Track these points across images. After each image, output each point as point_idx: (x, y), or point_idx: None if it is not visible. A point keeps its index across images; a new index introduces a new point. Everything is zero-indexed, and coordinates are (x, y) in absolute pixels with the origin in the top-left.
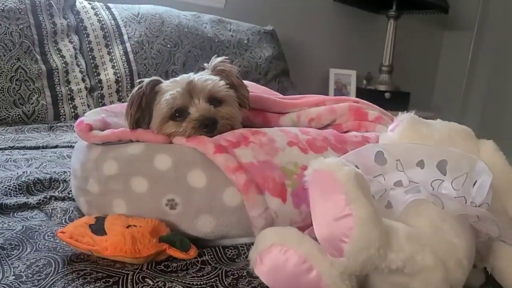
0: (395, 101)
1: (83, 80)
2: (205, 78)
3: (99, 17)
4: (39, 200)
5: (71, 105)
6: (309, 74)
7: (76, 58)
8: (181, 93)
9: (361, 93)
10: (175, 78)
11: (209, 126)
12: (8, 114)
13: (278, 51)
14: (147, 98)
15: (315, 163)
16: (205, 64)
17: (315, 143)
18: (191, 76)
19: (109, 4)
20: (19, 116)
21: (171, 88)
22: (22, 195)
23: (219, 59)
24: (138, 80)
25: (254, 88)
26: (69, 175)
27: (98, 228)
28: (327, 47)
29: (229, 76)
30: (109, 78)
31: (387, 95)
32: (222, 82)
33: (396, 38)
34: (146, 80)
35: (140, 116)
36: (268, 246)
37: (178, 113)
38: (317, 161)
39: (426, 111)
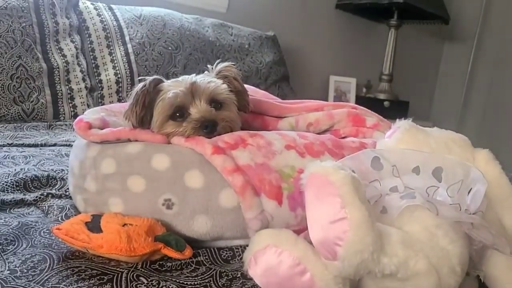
0: (394, 110)
1: (84, 79)
2: (208, 80)
3: (102, 18)
4: (36, 197)
5: (70, 104)
6: (309, 80)
7: (77, 57)
8: (184, 92)
9: (361, 101)
10: (177, 78)
11: (209, 127)
12: (8, 112)
13: (279, 56)
14: (150, 96)
15: (311, 166)
16: (208, 66)
17: (313, 147)
18: (194, 77)
19: (112, 5)
20: (19, 114)
21: (173, 88)
22: (19, 191)
23: (225, 64)
24: (139, 78)
25: (254, 92)
26: (67, 173)
27: (94, 225)
28: (327, 54)
29: (233, 82)
30: (109, 79)
31: (386, 103)
32: (224, 86)
33: (397, 47)
34: (149, 78)
35: (144, 115)
36: (263, 247)
37: (178, 113)
38: (314, 164)
39: (424, 121)
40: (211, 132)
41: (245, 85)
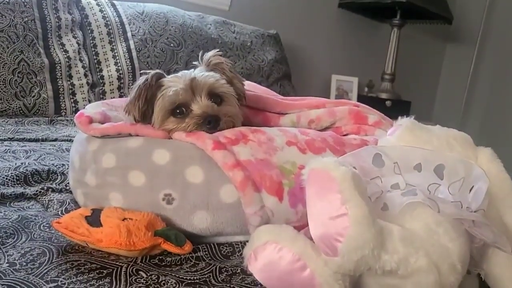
0: (396, 109)
1: (85, 75)
2: (206, 74)
3: (104, 14)
4: (36, 191)
5: (72, 100)
6: (311, 79)
7: (79, 53)
8: (184, 89)
9: (362, 100)
10: (177, 74)
11: (212, 123)
12: (9, 106)
13: (281, 55)
14: (151, 91)
15: (312, 162)
16: (195, 63)
17: (314, 143)
18: (193, 72)
19: (114, 1)
20: (20, 109)
21: (173, 84)
22: (20, 185)
23: (211, 53)
24: (141, 71)
25: (255, 88)
26: (67, 168)
27: (94, 219)
28: (330, 53)
29: (223, 69)
30: (111, 75)
31: (388, 103)
32: (224, 81)
33: (399, 47)
34: (151, 72)
35: (146, 109)
36: (263, 243)
37: (179, 109)
38: (315, 160)
39: (426, 121)
40: (214, 127)
41: (247, 81)
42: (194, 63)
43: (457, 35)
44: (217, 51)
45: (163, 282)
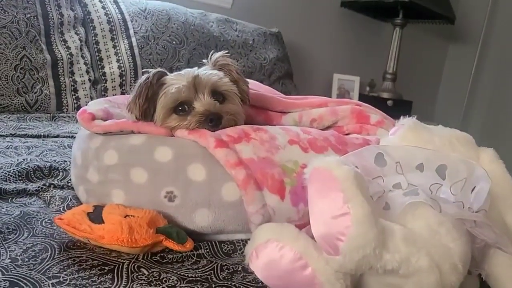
0: (397, 109)
1: (87, 72)
2: (209, 72)
3: (106, 11)
4: (38, 187)
5: (74, 97)
6: (313, 78)
7: (81, 50)
8: (186, 86)
9: (364, 99)
10: (180, 72)
11: (214, 121)
12: (11, 102)
13: (283, 53)
14: (153, 89)
15: (314, 161)
16: (204, 60)
17: (316, 142)
18: (196, 70)
19: None
20: (22, 105)
21: (176, 82)
22: (22, 181)
23: (220, 53)
24: (143, 70)
25: (257, 87)
26: (69, 165)
27: (96, 216)
28: (331, 52)
29: (230, 71)
30: (113, 72)
31: (389, 102)
32: (227, 79)
33: (401, 47)
34: (153, 71)
35: (147, 107)
36: (264, 242)
37: (181, 107)
38: (317, 159)
39: (427, 121)
40: (216, 125)
41: (249, 80)
42: (203, 61)
43: (460, 35)
44: (226, 52)
45: (165, 279)
